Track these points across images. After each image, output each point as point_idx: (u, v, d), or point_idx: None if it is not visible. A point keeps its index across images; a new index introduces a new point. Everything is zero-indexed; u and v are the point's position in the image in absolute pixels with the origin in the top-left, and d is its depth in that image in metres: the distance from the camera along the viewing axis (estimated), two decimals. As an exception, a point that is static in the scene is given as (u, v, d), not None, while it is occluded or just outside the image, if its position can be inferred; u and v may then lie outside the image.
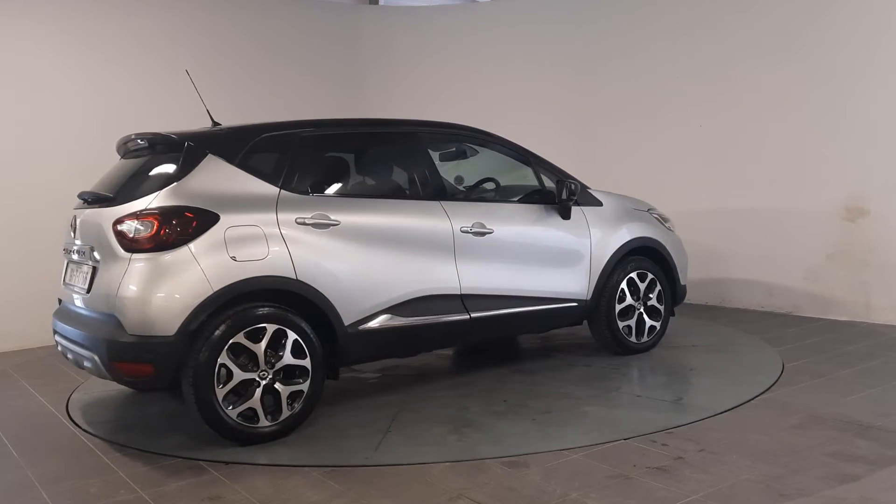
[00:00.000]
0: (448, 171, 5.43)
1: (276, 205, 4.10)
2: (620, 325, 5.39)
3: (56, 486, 3.53)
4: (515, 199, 5.26)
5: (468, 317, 4.71)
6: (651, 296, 5.55)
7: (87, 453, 3.99)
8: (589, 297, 5.28)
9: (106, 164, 7.17)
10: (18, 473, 3.74)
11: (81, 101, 7.17)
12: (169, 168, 4.08)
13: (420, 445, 3.84)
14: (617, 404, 4.44)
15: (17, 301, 6.77)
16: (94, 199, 4.31)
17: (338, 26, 8.98)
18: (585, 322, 5.47)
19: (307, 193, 4.26)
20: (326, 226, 4.20)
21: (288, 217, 4.10)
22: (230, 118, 8.33)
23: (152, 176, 4.17)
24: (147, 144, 4.38)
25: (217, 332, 3.78)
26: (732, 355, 5.41)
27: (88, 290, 4.08)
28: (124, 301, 3.76)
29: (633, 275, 5.44)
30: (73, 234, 4.37)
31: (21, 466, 3.83)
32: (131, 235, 3.81)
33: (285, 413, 3.97)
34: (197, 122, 5.36)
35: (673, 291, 5.72)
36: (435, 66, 9.10)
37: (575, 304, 5.23)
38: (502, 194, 5.33)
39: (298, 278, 4.02)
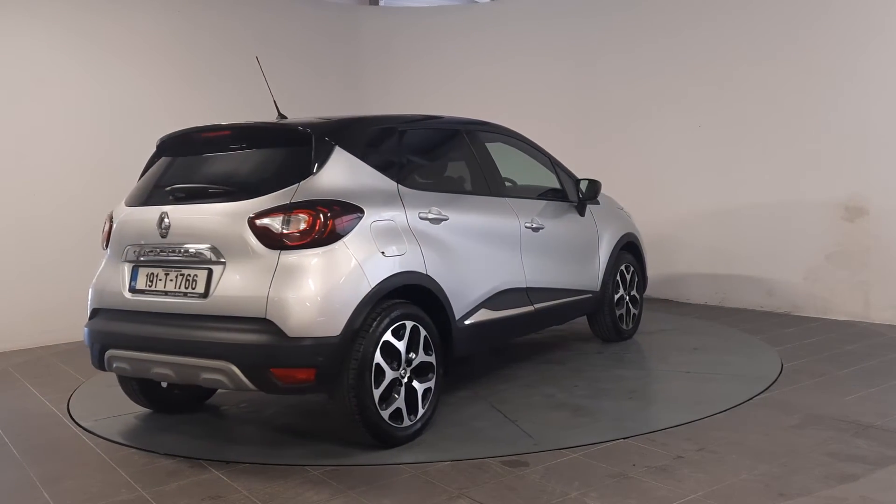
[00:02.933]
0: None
1: (400, 199, 4.03)
2: (616, 313, 5.88)
3: (57, 486, 3.53)
4: (537, 196, 5.37)
5: (533, 308, 4.92)
6: (633, 286, 6.11)
7: (87, 453, 3.99)
8: (599, 289, 5.68)
9: (109, 164, 7.25)
10: (19, 473, 3.74)
11: (84, 99, 7.17)
12: (298, 161, 3.79)
13: (567, 429, 3.96)
14: (671, 380, 4.88)
15: (17, 301, 6.77)
16: (193, 195, 3.93)
17: (338, 26, 8.99)
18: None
19: (417, 188, 4.23)
20: (439, 221, 4.19)
21: (412, 212, 4.05)
22: (231, 118, 8.35)
23: (279, 169, 3.87)
24: (257, 136, 4.11)
25: (374, 331, 3.62)
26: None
27: (205, 295, 3.65)
28: (282, 302, 3.45)
29: (622, 267, 5.93)
30: (161, 235, 3.86)
31: (22, 466, 3.83)
32: (278, 231, 3.53)
33: (420, 411, 3.87)
34: (198, 119, 5.34)
35: (643, 282, 6.29)
36: (435, 66, 9.11)
37: (590, 295, 5.60)
38: (533, 192, 5.39)
39: (427, 273, 3.98)
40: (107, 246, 4.24)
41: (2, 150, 6.77)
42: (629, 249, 6.03)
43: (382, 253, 3.74)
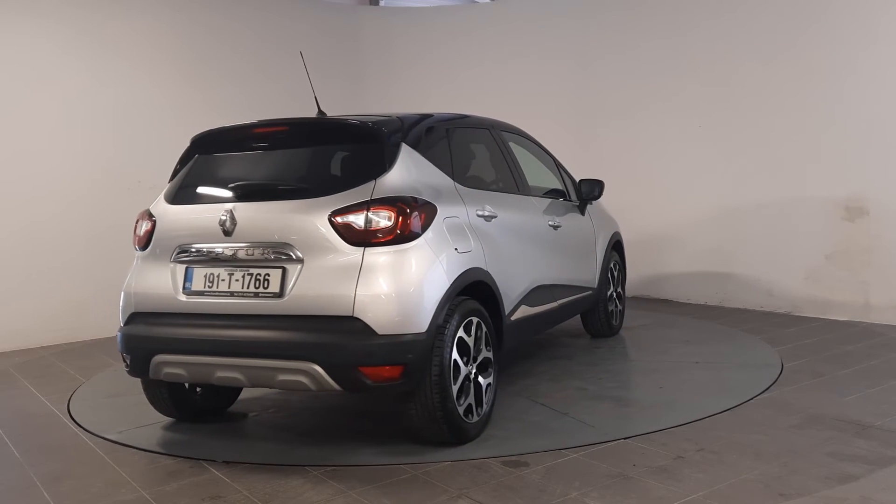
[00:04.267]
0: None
1: (459, 196, 4.05)
2: (609, 309, 6.09)
3: (57, 486, 3.53)
4: (543, 195, 5.42)
5: (556, 305, 5.07)
6: (620, 283, 6.32)
7: (88, 453, 3.99)
8: (596, 286, 5.83)
9: (110, 164, 7.25)
10: (20, 473, 3.74)
11: (86, 99, 7.18)
12: (371, 158, 3.74)
13: (623, 419, 4.11)
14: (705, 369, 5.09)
15: (17, 301, 6.78)
16: (261, 192, 3.84)
17: (338, 26, 9.00)
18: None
19: (468, 186, 4.24)
20: (490, 218, 4.23)
21: (471, 209, 4.08)
22: (231, 117, 8.34)
23: (352, 166, 3.87)
24: (321, 133, 4.05)
25: (452, 327, 3.63)
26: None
27: (281, 294, 3.54)
28: (371, 299, 3.40)
29: (611, 265, 6.11)
30: (224, 233, 3.69)
31: (22, 466, 3.84)
32: (361, 228, 3.48)
33: (485, 407, 3.89)
34: (198, 119, 5.35)
35: (625, 279, 6.48)
36: (435, 65, 9.11)
37: (591, 291, 5.74)
38: (542, 191, 5.43)
39: (487, 269, 4.02)
40: (145, 246, 3.99)
41: (3, 150, 6.77)
42: (615, 248, 6.25)
43: (456, 249, 3.77)
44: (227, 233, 3.69)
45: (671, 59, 7.68)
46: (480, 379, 3.85)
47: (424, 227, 3.61)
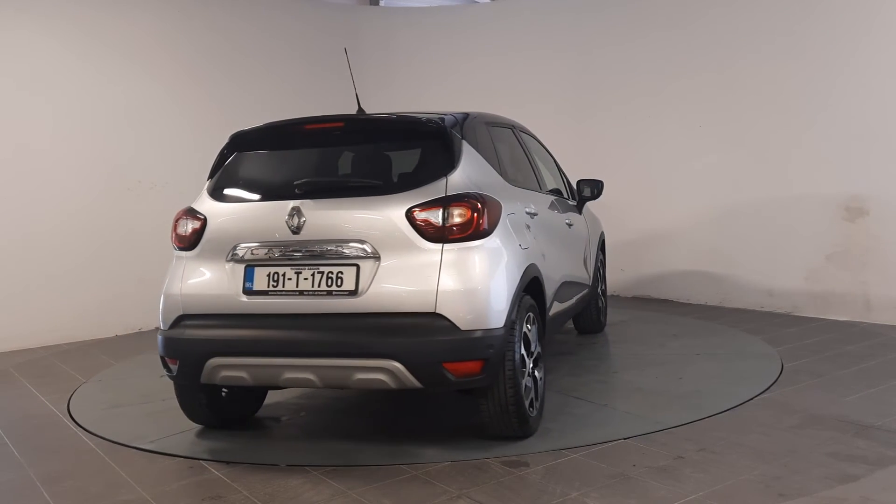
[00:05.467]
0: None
1: (510, 193, 4.08)
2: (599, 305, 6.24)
3: (57, 486, 3.53)
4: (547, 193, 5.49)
5: (574, 301, 5.16)
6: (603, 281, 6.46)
7: (88, 453, 3.99)
8: (591, 283, 5.89)
9: (110, 165, 7.25)
10: (20, 473, 3.74)
11: (85, 98, 7.18)
12: (438, 154, 3.75)
13: (668, 409, 4.19)
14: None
15: (18, 301, 6.78)
16: (330, 189, 3.78)
17: (338, 26, 9.00)
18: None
19: (512, 184, 4.26)
20: (534, 216, 4.29)
21: (521, 206, 4.12)
22: (232, 117, 8.36)
23: (422, 162, 3.83)
24: (383, 129, 4.04)
25: (520, 322, 3.68)
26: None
27: (356, 292, 3.49)
28: (455, 295, 3.41)
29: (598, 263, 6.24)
30: (292, 231, 3.60)
31: (22, 466, 3.84)
32: (439, 224, 3.47)
33: (539, 400, 3.95)
34: (198, 119, 5.34)
35: (605, 278, 6.62)
36: (434, 65, 9.10)
37: (589, 289, 5.82)
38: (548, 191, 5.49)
39: (539, 266, 4.07)
40: (192, 246, 3.83)
41: (3, 151, 6.77)
42: (601, 247, 6.41)
43: (520, 245, 3.84)
44: (296, 231, 3.59)
45: (671, 59, 7.68)
46: (536, 373, 3.90)
47: (494, 224, 3.63)
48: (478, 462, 3.53)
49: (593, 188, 5.64)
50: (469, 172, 3.73)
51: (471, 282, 3.45)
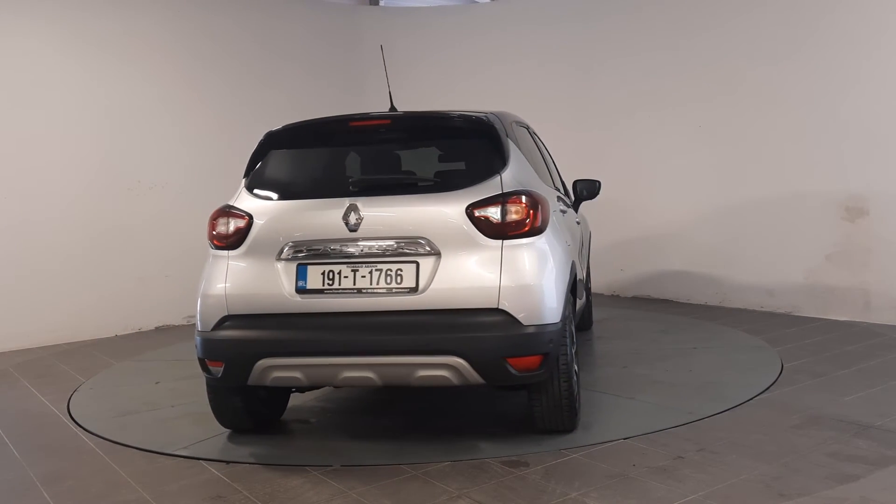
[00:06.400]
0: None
1: (547, 191, 4.11)
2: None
3: (57, 486, 3.53)
4: None
5: (583, 300, 5.24)
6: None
7: (88, 453, 3.99)
8: (585, 281, 5.96)
9: (110, 165, 7.24)
10: (19, 473, 3.74)
11: (83, 101, 7.18)
12: (490, 151, 3.78)
13: (696, 400, 4.31)
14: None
15: (18, 301, 6.78)
16: (386, 186, 3.76)
17: (339, 27, 9.00)
18: None
19: (543, 182, 4.30)
20: (564, 213, 4.37)
21: (555, 204, 4.16)
22: (232, 117, 8.37)
23: (475, 159, 3.83)
24: (433, 126, 4.03)
25: (570, 317, 3.73)
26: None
27: (416, 289, 3.48)
28: (517, 291, 3.44)
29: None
30: (349, 228, 3.56)
31: (22, 466, 3.84)
32: (498, 221, 3.50)
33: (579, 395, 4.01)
34: (199, 118, 5.30)
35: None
36: (435, 66, 9.10)
37: (590, 287, 5.97)
38: None
39: (576, 263, 4.14)
40: (236, 245, 3.73)
41: (3, 151, 6.77)
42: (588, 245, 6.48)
43: (566, 242, 3.92)
44: (353, 228, 3.56)
45: (671, 59, 7.68)
46: (575, 367, 3.93)
47: (546, 221, 3.68)
48: (478, 462, 3.53)
49: (590, 188, 5.63)
50: (517, 170, 3.78)
51: (531, 278, 3.49)
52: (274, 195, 3.83)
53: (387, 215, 3.59)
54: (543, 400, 3.71)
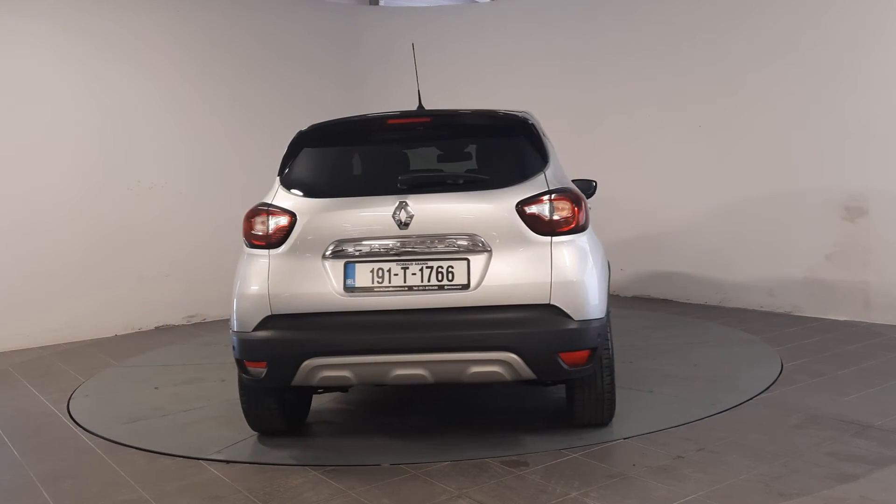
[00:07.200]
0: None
1: None
2: None
3: (57, 486, 3.53)
4: None
5: None
6: None
7: (87, 453, 3.99)
8: None
9: (109, 165, 7.25)
10: (19, 473, 3.74)
11: (83, 100, 7.18)
12: (532, 149, 3.83)
13: (714, 392, 4.45)
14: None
15: (18, 301, 6.78)
16: (434, 184, 3.77)
17: (339, 27, 9.00)
18: None
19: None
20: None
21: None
22: (232, 116, 8.36)
23: (519, 157, 3.84)
24: (474, 124, 4.07)
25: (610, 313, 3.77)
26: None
27: (468, 286, 3.48)
28: (568, 286, 3.47)
29: None
30: (400, 226, 3.53)
31: (22, 466, 3.84)
32: (548, 218, 3.54)
33: None
34: (198, 119, 5.29)
35: None
36: (434, 65, 9.09)
37: None
38: None
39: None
40: (279, 244, 3.65)
41: (3, 151, 6.77)
42: None
43: (599, 239, 3.94)
44: (403, 225, 3.54)
45: (671, 59, 7.68)
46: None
47: (587, 218, 3.74)
48: (478, 462, 3.53)
49: (585, 188, 5.60)
50: (555, 168, 3.84)
51: (579, 273, 3.54)
52: (318, 193, 3.77)
53: (437, 212, 3.57)
54: (586, 394, 3.77)
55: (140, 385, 5.33)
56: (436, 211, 3.57)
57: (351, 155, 4.09)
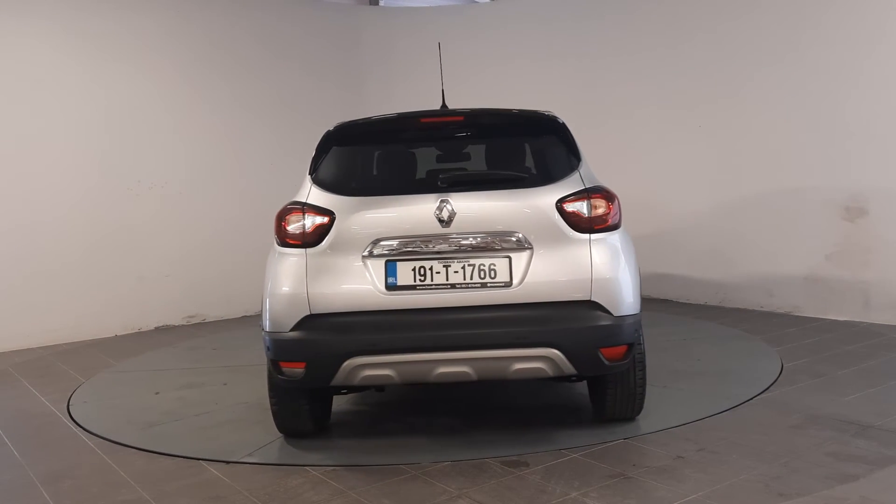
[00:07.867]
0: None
1: None
2: None
3: (57, 486, 3.53)
4: None
5: None
6: None
7: (87, 453, 3.99)
8: None
9: (109, 165, 7.24)
10: (19, 473, 3.74)
11: (83, 100, 7.18)
12: (564, 148, 3.94)
13: (729, 385, 4.55)
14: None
15: (18, 301, 6.78)
16: (474, 182, 3.80)
17: (339, 27, 9.00)
18: None
19: None
20: None
21: None
22: (232, 116, 8.35)
23: (554, 156, 3.93)
24: (508, 123, 4.15)
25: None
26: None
27: (510, 283, 3.50)
28: (608, 283, 3.54)
29: None
30: (441, 224, 3.54)
31: (22, 466, 3.84)
32: (587, 216, 3.61)
33: None
34: (198, 119, 5.28)
35: None
36: (435, 66, 9.08)
37: None
38: None
39: None
40: (316, 242, 3.60)
41: (3, 151, 6.77)
42: None
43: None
44: (445, 224, 3.55)
45: (671, 59, 7.68)
46: None
47: (621, 215, 3.79)
48: (478, 462, 3.53)
49: None
50: (586, 167, 3.90)
51: (619, 270, 3.60)
52: (355, 191, 3.75)
53: (479, 210, 3.60)
54: (619, 389, 3.82)
55: (136, 394, 5.32)
56: (478, 209, 3.59)
57: (384, 153, 4.14)
